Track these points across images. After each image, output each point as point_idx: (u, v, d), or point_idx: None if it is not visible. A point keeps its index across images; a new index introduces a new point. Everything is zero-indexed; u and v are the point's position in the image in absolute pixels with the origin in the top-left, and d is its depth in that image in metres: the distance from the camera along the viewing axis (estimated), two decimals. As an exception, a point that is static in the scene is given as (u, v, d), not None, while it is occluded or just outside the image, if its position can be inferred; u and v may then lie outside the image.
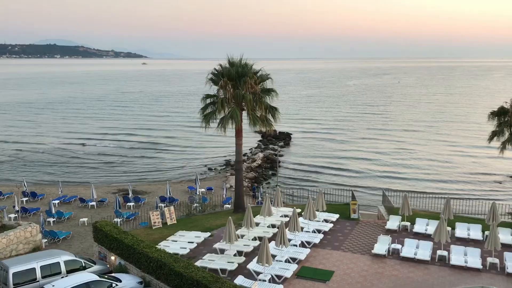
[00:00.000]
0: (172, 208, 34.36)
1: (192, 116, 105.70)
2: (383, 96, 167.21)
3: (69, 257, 24.25)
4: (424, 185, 54.63)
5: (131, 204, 41.54)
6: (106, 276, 22.96)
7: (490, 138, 33.22)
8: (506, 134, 32.11)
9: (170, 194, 43.00)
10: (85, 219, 36.63)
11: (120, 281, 22.69)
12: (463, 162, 65.60)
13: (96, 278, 22.12)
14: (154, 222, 32.75)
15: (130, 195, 43.34)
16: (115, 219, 35.67)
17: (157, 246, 25.72)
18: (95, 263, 25.23)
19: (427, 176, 58.85)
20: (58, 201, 42.41)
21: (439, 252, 26.49)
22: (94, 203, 41.64)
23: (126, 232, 26.52)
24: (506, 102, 32.70)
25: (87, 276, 22.20)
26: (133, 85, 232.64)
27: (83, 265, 24.34)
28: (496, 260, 25.41)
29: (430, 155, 70.04)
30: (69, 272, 23.57)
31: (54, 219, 36.91)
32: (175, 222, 33.64)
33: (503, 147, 32.23)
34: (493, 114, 33.17)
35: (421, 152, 72.50)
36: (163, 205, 40.12)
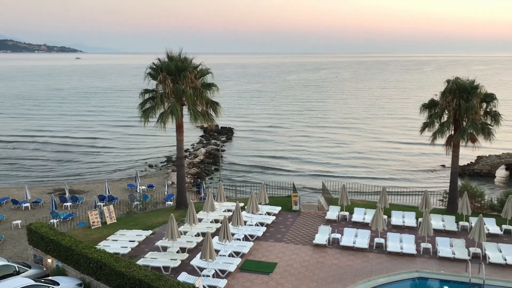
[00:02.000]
0: (111, 207, 33.47)
1: (130, 112, 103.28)
2: (321, 90, 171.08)
3: (1, 262, 23.06)
4: (361, 175, 56.58)
5: (68, 204, 40.12)
6: (42, 280, 22.03)
7: (422, 130, 34.74)
8: (437, 126, 33.72)
9: (109, 192, 41.93)
10: (18, 222, 34.95)
11: (58, 284, 21.86)
12: (397, 153, 68.48)
13: (32, 282, 21.18)
14: (93, 222, 31.78)
15: (67, 195, 41.83)
16: (52, 220, 34.32)
17: (96, 246, 25.02)
18: (30, 267, 24.18)
19: (363, 166, 60.95)
20: (-12, 203, 40.18)
21: (376, 240, 27.55)
22: (28, 204, 39.81)
23: (63, 233, 25.59)
24: (435, 95, 34.26)
25: (21, 281, 21.20)
26: (67, 81, 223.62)
27: (17, 269, 23.26)
28: (429, 245, 26.79)
29: (367, 146, 72.54)
30: (1, 278, 22.42)
31: (-16, 223, 34.93)
32: (115, 221, 32.81)
33: (434, 138, 33.82)
34: (424, 107, 34.67)
35: (359, 143, 74.95)
36: (102, 204, 39.02)
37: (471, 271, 23.16)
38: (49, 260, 24.91)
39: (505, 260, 24.91)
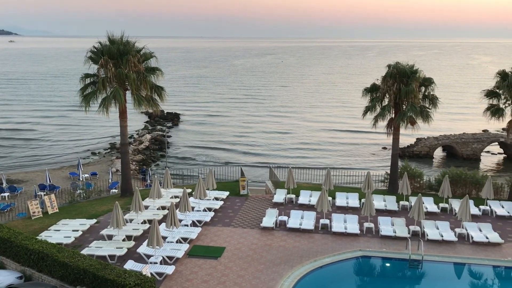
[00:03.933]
0: (53, 196, 32.30)
1: (70, 100, 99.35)
2: (267, 76, 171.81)
3: None
4: (306, 159, 57.59)
5: (6, 194, 38.45)
6: (-21, 275, 21.02)
7: (364, 113, 35.66)
8: (378, 109, 34.72)
9: (50, 181, 40.50)
10: (-49, 214, 33.06)
11: (-4, 278, 20.93)
12: (340, 138, 70.13)
13: (-33, 277, 20.16)
14: (34, 212, 30.54)
15: (4, 185, 40.06)
16: (-13, 212, 32.70)
17: (37, 237, 24.12)
18: (-35, 262, 22.95)
19: (308, 151, 62.00)
20: None
21: (322, 221, 28.24)
22: (-39, 196, 37.74)
23: (1, 224, 24.52)
24: (377, 79, 35.21)
25: (-44, 276, 20.14)
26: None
27: (-49, 264, 22.02)
28: (372, 225, 27.78)
29: (312, 134, 73.64)
30: None
31: None
32: (57, 210, 31.69)
33: (375, 121, 34.82)
34: (366, 91, 35.58)
35: (303, 131, 76.06)
36: (43, 193, 37.56)
37: (411, 248, 24.28)
38: (-14, 254, 23.76)
39: (442, 236, 26.26)
